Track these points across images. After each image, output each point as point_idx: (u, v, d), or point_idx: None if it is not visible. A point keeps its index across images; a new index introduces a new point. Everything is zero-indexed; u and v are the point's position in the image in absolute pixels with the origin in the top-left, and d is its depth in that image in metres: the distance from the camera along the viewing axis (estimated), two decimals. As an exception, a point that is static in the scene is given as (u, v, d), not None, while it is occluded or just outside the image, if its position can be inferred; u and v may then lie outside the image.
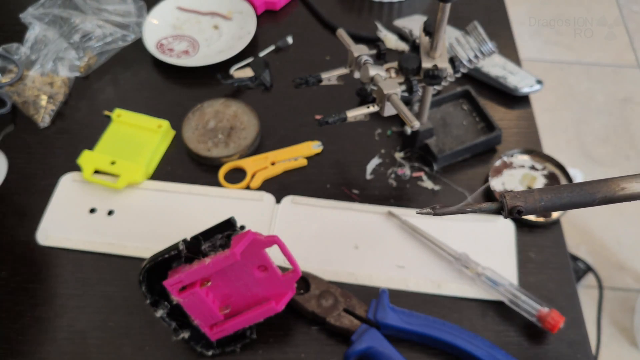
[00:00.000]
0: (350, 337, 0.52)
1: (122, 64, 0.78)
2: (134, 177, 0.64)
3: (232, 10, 0.83)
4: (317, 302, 0.54)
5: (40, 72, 0.73)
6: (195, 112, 0.70)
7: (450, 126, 0.68)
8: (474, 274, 0.56)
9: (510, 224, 0.61)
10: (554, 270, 0.58)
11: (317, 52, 0.79)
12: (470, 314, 0.55)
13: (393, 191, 0.64)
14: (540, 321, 0.52)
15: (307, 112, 0.72)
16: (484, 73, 0.73)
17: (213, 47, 0.80)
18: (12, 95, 0.72)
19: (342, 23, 0.80)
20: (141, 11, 0.81)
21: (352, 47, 0.57)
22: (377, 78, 0.54)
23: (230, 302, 0.50)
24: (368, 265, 0.58)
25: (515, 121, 0.71)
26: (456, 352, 0.51)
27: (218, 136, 0.68)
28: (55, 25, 0.77)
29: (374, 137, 0.69)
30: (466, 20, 0.64)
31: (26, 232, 0.62)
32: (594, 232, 1.48)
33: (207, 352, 0.52)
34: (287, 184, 0.65)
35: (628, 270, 1.42)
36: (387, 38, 0.79)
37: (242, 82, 0.73)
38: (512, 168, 0.65)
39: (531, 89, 0.71)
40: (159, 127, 0.68)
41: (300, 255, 0.50)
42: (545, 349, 0.53)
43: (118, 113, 0.70)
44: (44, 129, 0.71)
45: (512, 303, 0.54)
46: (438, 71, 0.55)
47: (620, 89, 1.80)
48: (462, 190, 0.64)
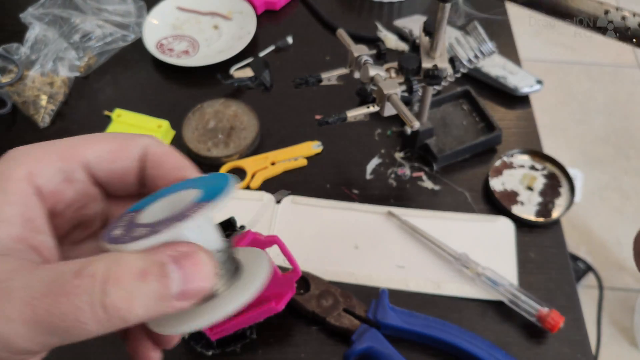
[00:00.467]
0: (350, 337, 0.52)
1: (122, 64, 0.78)
2: (134, 177, 0.64)
3: (232, 10, 0.83)
4: (317, 302, 0.54)
5: (40, 72, 0.73)
6: (195, 112, 0.70)
7: (450, 126, 0.68)
8: (474, 274, 0.56)
9: (510, 224, 0.61)
10: (554, 270, 0.58)
11: (317, 52, 0.79)
12: (470, 314, 0.55)
13: (393, 191, 0.64)
14: (540, 321, 0.52)
15: (307, 112, 0.72)
16: (484, 73, 0.73)
17: (213, 47, 0.80)
18: (12, 95, 0.72)
19: (342, 23, 0.80)
20: (141, 11, 0.81)
21: (352, 47, 0.57)
22: (377, 78, 0.54)
23: (230, 302, 0.50)
24: (368, 265, 0.58)
25: (515, 121, 0.71)
26: (456, 352, 0.51)
27: (218, 136, 0.68)
28: (55, 25, 0.77)
29: (374, 137, 0.69)
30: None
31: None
32: (594, 232, 1.48)
33: (207, 352, 0.52)
34: (287, 184, 0.65)
35: (628, 270, 1.42)
36: (387, 38, 0.79)
37: (242, 82, 0.73)
38: (512, 168, 0.65)
39: (531, 89, 0.71)
40: (159, 127, 0.68)
41: (300, 255, 0.50)
42: (545, 349, 0.53)
43: (118, 113, 0.70)
44: (44, 129, 0.71)
45: (512, 303, 0.54)
46: (438, 71, 0.55)
47: (620, 89, 1.80)
48: (462, 190, 0.64)
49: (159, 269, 0.22)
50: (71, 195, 0.27)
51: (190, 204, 0.24)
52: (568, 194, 0.63)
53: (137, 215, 0.25)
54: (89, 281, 0.21)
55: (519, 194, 0.63)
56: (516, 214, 0.61)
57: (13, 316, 0.20)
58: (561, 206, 0.62)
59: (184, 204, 0.24)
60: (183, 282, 0.22)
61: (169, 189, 0.27)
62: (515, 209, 0.61)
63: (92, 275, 0.21)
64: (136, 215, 0.25)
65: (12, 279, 0.21)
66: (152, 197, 0.27)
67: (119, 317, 0.21)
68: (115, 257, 0.22)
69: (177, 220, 0.22)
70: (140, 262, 0.21)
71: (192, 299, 0.22)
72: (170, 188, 0.27)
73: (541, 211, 0.61)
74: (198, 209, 0.22)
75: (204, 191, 0.25)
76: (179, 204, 0.25)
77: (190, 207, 0.23)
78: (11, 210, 0.24)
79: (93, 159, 0.27)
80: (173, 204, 0.25)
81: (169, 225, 0.22)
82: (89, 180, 0.27)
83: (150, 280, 0.21)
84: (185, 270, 0.22)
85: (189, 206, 0.23)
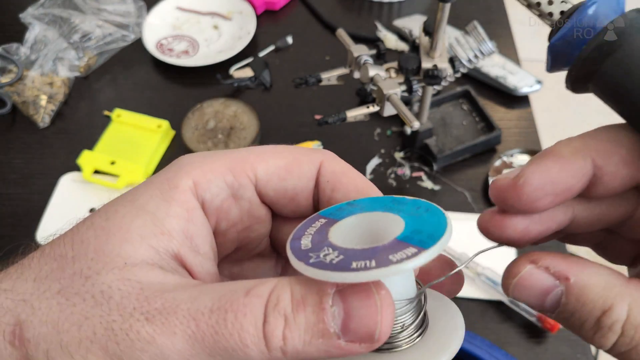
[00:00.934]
0: (350, 337, 0.52)
1: (122, 64, 0.78)
2: (134, 177, 0.64)
3: (232, 10, 0.83)
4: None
5: (40, 72, 0.73)
6: (195, 112, 0.70)
7: (450, 126, 0.68)
8: (474, 274, 0.56)
9: (510, 224, 0.61)
10: (553, 270, 0.58)
11: (317, 52, 0.79)
12: (470, 314, 0.55)
13: (393, 191, 0.64)
14: (540, 321, 0.52)
15: (307, 112, 0.72)
16: (483, 73, 0.73)
17: (213, 47, 0.80)
18: (12, 95, 0.72)
19: (342, 23, 0.80)
20: (141, 11, 0.81)
21: (352, 47, 0.57)
22: (377, 78, 0.54)
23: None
24: (368, 265, 0.58)
25: (515, 121, 0.71)
26: (456, 352, 0.51)
27: (218, 136, 0.68)
28: (55, 25, 0.77)
29: (373, 137, 0.69)
30: (466, 20, 0.64)
31: (26, 232, 0.62)
32: (594, 232, 1.48)
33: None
34: (287, 184, 0.65)
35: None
36: (387, 38, 0.79)
37: (242, 82, 0.73)
38: (512, 168, 0.65)
39: (531, 88, 0.71)
40: (159, 127, 0.68)
41: (300, 255, 0.50)
42: (545, 349, 0.53)
43: (118, 113, 0.70)
44: (43, 129, 0.71)
45: (512, 303, 0.54)
46: (438, 71, 0.55)
47: (620, 89, 1.80)
48: (462, 190, 0.64)
49: (317, 297, 0.19)
50: (237, 213, 0.24)
51: (395, 243, 0.19)
52: (568, 194, 0.63)
53: (329, 228, 0.21)
54: (257, 301, 0.19)
55: (519, 194, 0.63)
56: (516, 214, 0.61)
57: (176, 329, 0.19)
58: (561, 206, 0.62)
59: (385, 235, 0.20)
60: (345, 318, 0.19)
61: (367, 203, 0.23)
62: (515, 209, 0.61)
63: (259, 295, 0.19)
64: (328, 225, 0.22)
65: (178, 290, 0.20)
66: (349, 208, 0.23)
67: (275, 348, 0.19)
68: (284, 279, 0.19)
69: (380, 265, 0.18)
70: (302, 288, 0.19)
71: (359, 341, 0.19)
72: (369, 202, 0.23)
73: (541, 211, 0.61)
74: (407, 258, 0.18)
75: (406, 223, 0.20)
76: (379, 232, 0.21)
77: (395, 246, 0.19)
78: (174, 223, 0.21)
79: (264, 176, 0.24)
80: (371, 230, 0.21)
81: (368, 269, 0.18)
82: (257, 198, 0.24)
83: (306, 309, 0.19)
84: (347, 305, 0.19)
85: (394, 244, 0.19)
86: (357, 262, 0.18)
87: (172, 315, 0.19)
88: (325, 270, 0.18)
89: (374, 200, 0.23)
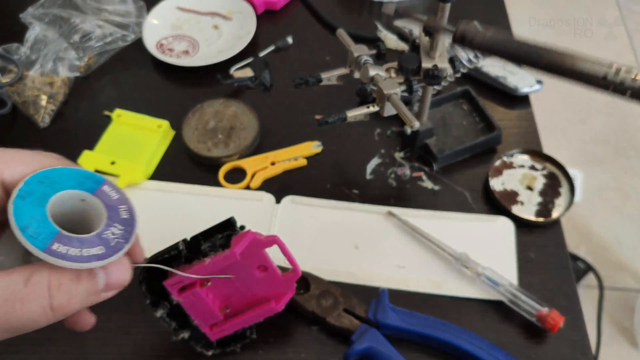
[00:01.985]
0: (350, 337, 0.52)
1: (122, 64, 0.78)
2: (134, 177, 0.64)
3: (232, 10, 0.83)
4: (317, 302, 0.54)
5: (40, 72, 0.73)
6: (195, 112, 0.70)
7: (450, 126, 0.68)
8: (474, 273, 0.56)
9: (510, 224, 0.61)
10: (554, 270, 0.58)
11: (317, 52, 0.79)
12: (470, 314, 0.55)
13: (393, 191, 0.64)
14: (540, 321, 0.52)
15: (307, 112, 0.72)
16: (484, 73, 0.73)
17: (213, 47, 0.80)
18: (12, 95, 0.72)
19: (342, 23, 0.80)
20: (141, 11, 0.81)
21: (352, 47, 0.57)
22: (377, 78, 0.54)
23: (230, 302, 0.50)
24: (368, 265, 0.58)
25: (515, 121, 0.71)
26: (456, 352, 0.51)
27: (218, 136, 0.68)
28: (55, 25, 0.77)
29: (373, 137, 0.69)
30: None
31: (26, 232, 0.62)
32: (594, 232, 1.48)
33: (207, 352, 0.52)
34: (287, 184, 0.65)
35: (628, 270, 1.42)
36: (387, 38, 0.79)
37: (242, 82, 0.73)
38: (512, 168, 0.65)
39: (531, 89, 0.71)
40: (159, 127, 0.68)
41: (300, 255, 0.50)
42: (545, 349, 0.53)
43: (118, 113, 0.70)
44: (43, 129, 0.71)
45: (512, 303, 0.54)
46: (438, 71, 0.55)
47: (620, 89, 1.80)
48: (462, 190, 0.64)
49: (88, 272, 0.30)
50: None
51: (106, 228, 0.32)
52: (568, 193, 0.63)
53: (48, 212, 0.31)
54: (38, 288, 0.28)
55: (519, 194, 0.63)
56: (516, 214, 0.61)
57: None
58: (561, 206, 0.62)
59: (93, 216, 0.33)
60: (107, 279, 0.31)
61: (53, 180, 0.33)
62: (515, 209, 0.61)
63: (38, 283, 0.28)
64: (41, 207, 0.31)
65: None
66: (41, 186, 0.32)
67: (63, 313, 0.29)
68: (54, 267, 0.29)
69: (108, 255, 0.31)
70: (62, 270, 0.29)
71: (115, 289, 0.32)
72: (48, 173, 0.33)
73: (541, 211, 0.61)
74: (120, 248, 0.32)
75: (86, 190, 0.34)
76: (86, 214, 0.33)
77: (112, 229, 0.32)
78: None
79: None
80: (72, 207, 0.33)
81: (100, 258, 0.30)
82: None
83: (82, 281, 0.30)
84: (107, 270, 0.31)
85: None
86: (95, 257, 0.30)
87: None
88: (78, 263, 0.29)
89: (52, 173, 0.34)
